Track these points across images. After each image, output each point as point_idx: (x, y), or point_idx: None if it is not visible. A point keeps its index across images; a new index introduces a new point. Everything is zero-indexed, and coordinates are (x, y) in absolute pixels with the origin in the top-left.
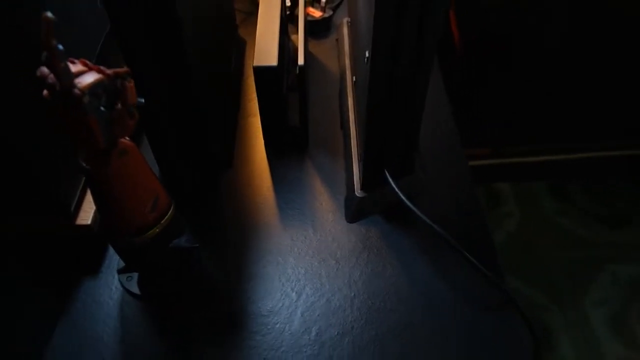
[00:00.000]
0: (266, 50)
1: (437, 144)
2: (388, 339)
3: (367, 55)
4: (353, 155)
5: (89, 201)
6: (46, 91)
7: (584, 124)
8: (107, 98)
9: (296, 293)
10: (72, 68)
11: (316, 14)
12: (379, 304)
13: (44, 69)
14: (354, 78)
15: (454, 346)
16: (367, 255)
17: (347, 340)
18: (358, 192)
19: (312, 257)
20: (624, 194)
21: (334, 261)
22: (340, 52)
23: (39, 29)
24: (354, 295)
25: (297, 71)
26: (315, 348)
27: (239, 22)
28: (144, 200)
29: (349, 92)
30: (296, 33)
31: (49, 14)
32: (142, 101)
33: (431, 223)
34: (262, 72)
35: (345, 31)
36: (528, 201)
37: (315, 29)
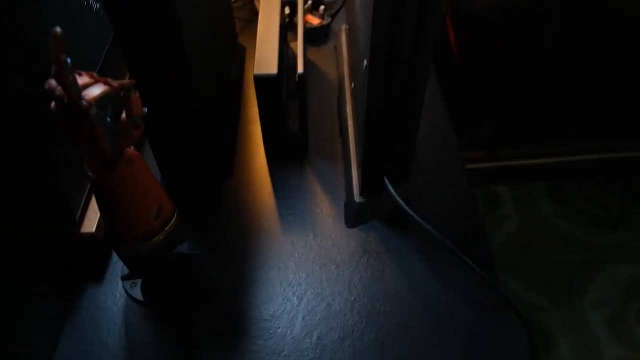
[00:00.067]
0: (266, 58)
1: (435, 148)
2: (388, 342)
3: (365, 64)
4: (352, 162)
5: (93, 210)
6: (54, 103)
7: (580, 126)
8: (113, 109)
9: (297, 298)
10: (80, 81)
11: (315, 21)
12: (379, 307)
13: (52, 82)
14: (352, 85)
15: (453, 348)
16: (367, 259)
17: (348, 343)
18: (357, 198)
19: (313, 262)
20: (620, 195)
21: (334, 266)
22: (339, 59)
23: (49, 38)
24: (355, 300)
25: (297, 79)
26: (316, 352)
27: (238, 30)
28: (148, 208)
29: (347, 99)
30: (295, 40)
31: (59, 29)
32: (145, 110)
33: (429, 228)
34: (262, 81)
35: (344, 38)
36: (526, 204)
37: (314, 36)
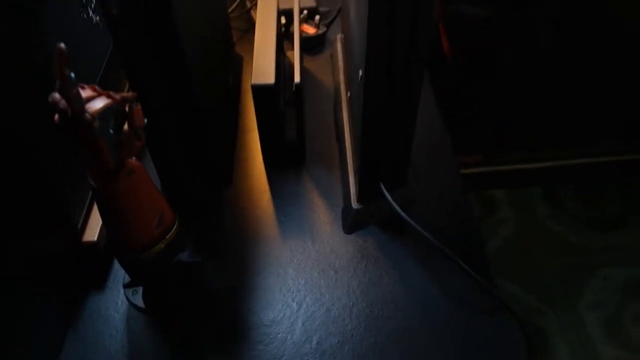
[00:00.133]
0: (263, 68)
1: (430, 154)
2: (387, 346)
3: (360, 73)
4: (349, 168)
5: (94, 219)
6: (57, 116)
7: (573, 130)
8: (115, 121)
9: (297, 303)
10: (83, 94)
11: (310, 30)
12: (377, 312)
13: (55, 95)
14: (348, 93)
15: (450, 351)
16: (365, 265)
17: (347, 348)
18: (354, 204)
19: (311, 268)
20: (614, 198)
21: (332, 271)
22: (335, 67)
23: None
24: (353, 304)
25: (294, 88)
26: (316, 356)
27: (235, 40)
28: (150, 217)
29: (343, 107)
30: (292, 49)
31: (63, 45)
32: (145, 121)
33: (425, 233)
34: (260, 90)
35: (339, 47)
36: (522, 207)
37: (309, 45)
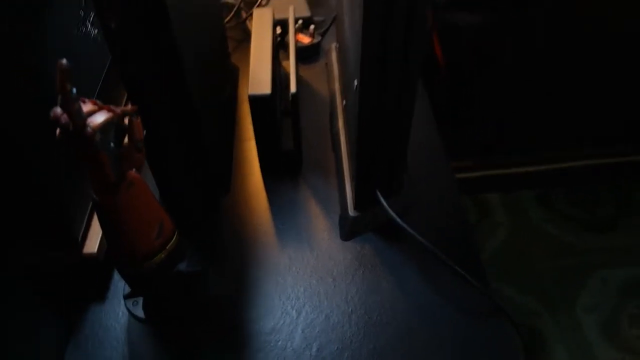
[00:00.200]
0: (260, 78)
1: (424, 161)
2: (386, 351)
3: (356, 84)
4: (345, 176)
5: (94, 231)
6: (59, 131)
7: (567, 134)
8: (115, 135)
9: (296, 311)
10: (84, 108)
11: (305, 40)
12: (375, 317)
13: (57, 110)
14: (344, 102)
15: (449, 354)
16: (363, 271)
17: (346, 354)
18: (351, 212)
19: (310, 276)
20: (606, 200)
21: (331, 279)
22: (330, 76)
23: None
24: (352, 311)
25: (291, 98)
26: None
27: (231, 50)
28: (150, 228)
29: (339, 116)
30: (287, 59)
31: (64, 61)
32: (144, 132)
33: (421, 239)
34: (257, 100)
35: (334, 56)
36: (516, 211)
37: (305, 54)
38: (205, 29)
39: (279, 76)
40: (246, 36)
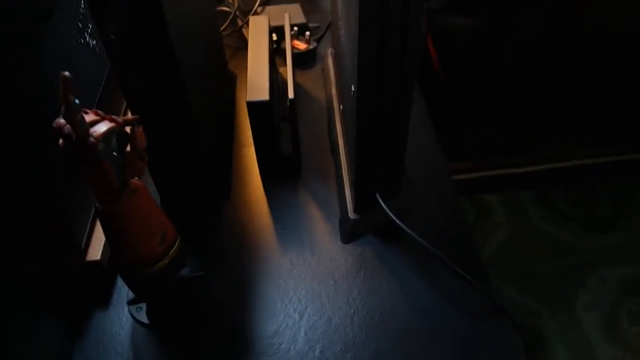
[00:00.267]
0: (258, 84)
1: (422, 162)
2: (388, 352)
3: (353, 89)
4: (344, 180)
5: (98, 237)
6: (62, 141)
7: (565, 134)
8: (118, 144)
9: (299, 314)
10: (86, 118)
11: (301, 46)
12: (377, 319)
13: (60, 121)
14: (341, 106)
15: (450, 353)
16: (364, 273)
17: (349, 355)
18: (351, 215)
19: (311, 279)
20: (605, 199)
21: (332, 281)
22: (327, 81)
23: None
24: (354, 312)
25: (288, 104)
26: None
27: (228, 58)
28: (153, 235)
29: (337, 120)
30: (284, 65)
31: (67, 73)
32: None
33: (420, 240)
34: (255, 106)
35: (330, 61)
36: (516, 211)
37: (301, 60)
38: (203, 37)
39: (276, 82)
40: (243, 44)
